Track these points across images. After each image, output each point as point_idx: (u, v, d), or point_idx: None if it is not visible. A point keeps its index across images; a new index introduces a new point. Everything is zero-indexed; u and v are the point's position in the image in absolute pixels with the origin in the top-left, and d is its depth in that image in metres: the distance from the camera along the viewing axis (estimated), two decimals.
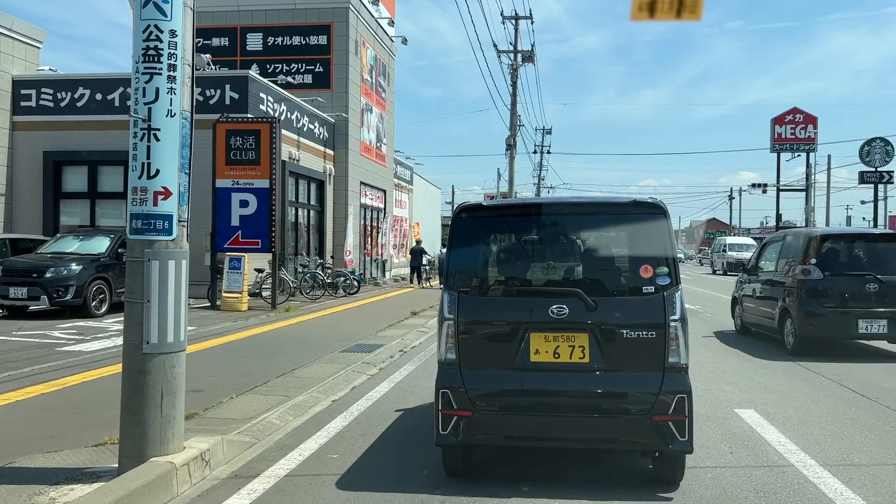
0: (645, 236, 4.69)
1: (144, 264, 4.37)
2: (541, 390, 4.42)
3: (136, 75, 4.41)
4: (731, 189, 76.75)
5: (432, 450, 4.83)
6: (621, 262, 4.83)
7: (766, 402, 6.96)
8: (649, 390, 4.31)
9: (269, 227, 15.19)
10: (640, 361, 4.39)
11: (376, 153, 27.75)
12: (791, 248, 10.86)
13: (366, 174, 26.27)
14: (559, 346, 4.41)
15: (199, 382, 7.52)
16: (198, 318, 13.57)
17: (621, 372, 4.40)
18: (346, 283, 19.39)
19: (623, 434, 4.42)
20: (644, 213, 4.71)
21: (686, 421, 4.29)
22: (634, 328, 4.39)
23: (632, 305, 4.48)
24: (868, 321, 9.58)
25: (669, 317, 4.36)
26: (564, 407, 4.43)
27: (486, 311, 4.62)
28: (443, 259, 5.02)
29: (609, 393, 4.36)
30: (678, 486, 4.48)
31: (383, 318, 14.05)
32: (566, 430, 4.47)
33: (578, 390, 4.39)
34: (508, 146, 37.59)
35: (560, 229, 5.03)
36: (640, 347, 4.38)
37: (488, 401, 4.46)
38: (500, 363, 4.48)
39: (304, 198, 21.49)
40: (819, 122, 70.68)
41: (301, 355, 9.37)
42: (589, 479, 4.67)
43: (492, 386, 4.48)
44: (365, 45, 25.81)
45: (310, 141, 21.79)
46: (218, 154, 15.33)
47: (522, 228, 5.11)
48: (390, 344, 10.61)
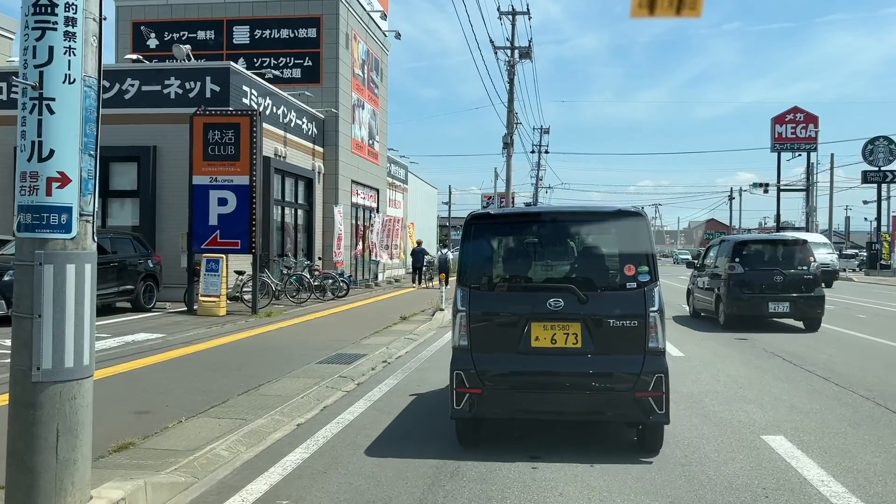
0: (628, 240, 5.45)
1: (35, 269, 3.46)
2: (540, 371, 5.16)
3: (26, 31, 3.49)
4: (731, 189, 75.91)
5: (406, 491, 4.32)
6: (608, 262, 5.58)
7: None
8: (632, 371, 5.04)
9: (248, 226, 14.27)
10: (624, 346, 5.11)
11: (368, 151, 26.84)
12: (724, 250, 14.09)
13: (357, 172, 25.35)
14: (556, 333, 5.15)
15: (148, 402, 6.61)
16: (170, 325, 12.65)
17: (608, 355, 5.12)
18: (334, 286, 18.47)
19: (610, 408, 5.17)
20: (627, 220, 5.52)
21: (663, 397, 5.01)
22: (619, 318, 5.13)
23: (617, 299, 5.23)
24: (775, 303, 13.05)
25: (649, 308, 5.09)
26: (561, 385, 5.16)
27: (493, 305, 5.42)
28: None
29: (598, 373, 5.10)
30: (658, 453, 5.20)
31: (370, 324, 13.13)
32: (562, 405, 5.22)
33: (572, 371, 5.12)
34: (505, 145, 36.69)
35: (556, 234, 5.79)
36: (625, 334, 5.12)
37: (496, 380, 5.19)
38: (505, 348, 5.22)
39: (290, 196, 20.57)
40: (819, 122, 70.21)
41: (273, 367, 8.45)
42: (582, 448, 5.37)
43: (499, 368, 5.21)
44: (356, 39, 24.91)
45: (297, 137, 20.87)
46: (195, 149, 14.42)
47: (524, 233, 5.88)
48: (373, 354, 9.69)
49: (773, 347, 10.81)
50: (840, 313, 16.75)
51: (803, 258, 13.53)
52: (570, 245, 5.76)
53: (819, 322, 13.20)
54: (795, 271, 13.25)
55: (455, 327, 5.38)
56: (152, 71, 17.40)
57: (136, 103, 17.04)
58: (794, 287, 13.09)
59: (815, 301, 13.09)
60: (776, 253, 13.88)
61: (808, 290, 13.10)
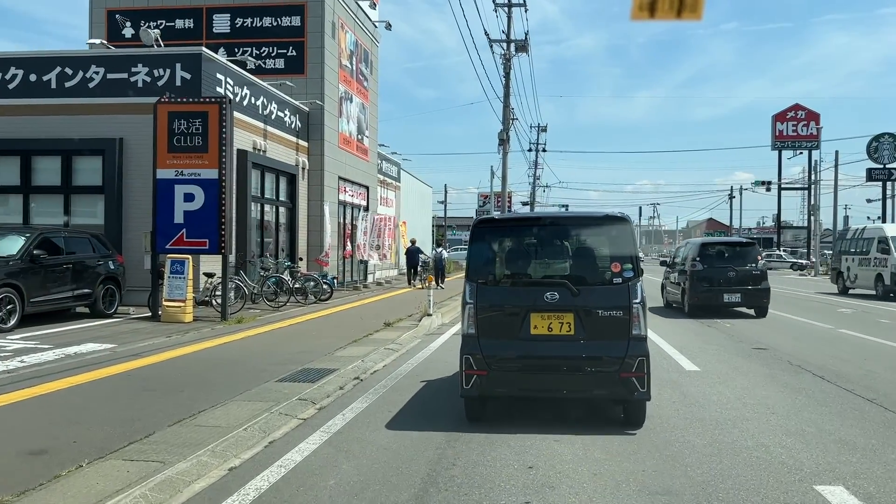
0: (615, 241, 6.13)
1: None
2: (539, 355, 5.82)
3: None
4: (732, 188, 74.66)
5: None
6: (598, 261, 6.21)
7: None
8: (618, 354, 5.68)
9: (217, 224, 13.04)
10: (611, 333, 5.75)
11: (357, 146, 25.62)
12: (689, 251, 16.95)
13: (345, 168, 24.12)
14: (552, 322, 5.81)
15: (51, 436, 5.39)
16: (126, 333, 11.43)
17: (597, 341, 5.76)
18: (316, 289, 17.24)
19: (599, 387, 5.82)
20: (614, 224, 6.19)
21: (645, 377, 5.63)
22: (607, 309, 5.77)
23: (605, 292, 5.87)
24: (729, 294, 15.61)
25: (633, 301, 5.75)
26: (556, 367, 5.82)
27: (497, 297, 6.07)
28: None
29: (588, 357, 5.74)
30: (641, 426, 5.84)
31: (349, 332, 11.93)
32: (558, 385, 5.89)
33: (566, 355, 5.77)
34: (501, 141, 35.47)
35: (552, 236, 6.50)
36: (611, 323, 5.76)
37: (500, 363, 5.86)
38: (508, 335, 5.89)
39: (271, 193, 19.34)
40: (820, 119, 69.02)
41: (223, 387, 7.24)
42: (575, 422, 6.06)
43: (502, 352, 5.87)
44: (343, 29, 23.67)
45: (279, 130, 19.64)
46: (159, 140, 13.18)
47: (524, 235, 6.60)
48: (345, 368, 8.48)
49: (796, 359, 9.63)
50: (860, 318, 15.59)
51: (753, 257, 16.27)
52: (565, 246, 6.45)
53: (766, 310, 15.69)
54: (746, 268, 15.88)
55: (464, 317, 6.11)
56: (118, 57, 16.15)
57: (101, 92, 15.80)
58: (744, 281, 15.73)
59: (762, 292, 15.66)
60: (731, 253, 16.60)
61: (756, 284, 15.70)
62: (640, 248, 13.44)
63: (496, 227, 6.74)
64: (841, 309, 18.14)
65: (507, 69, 35.06)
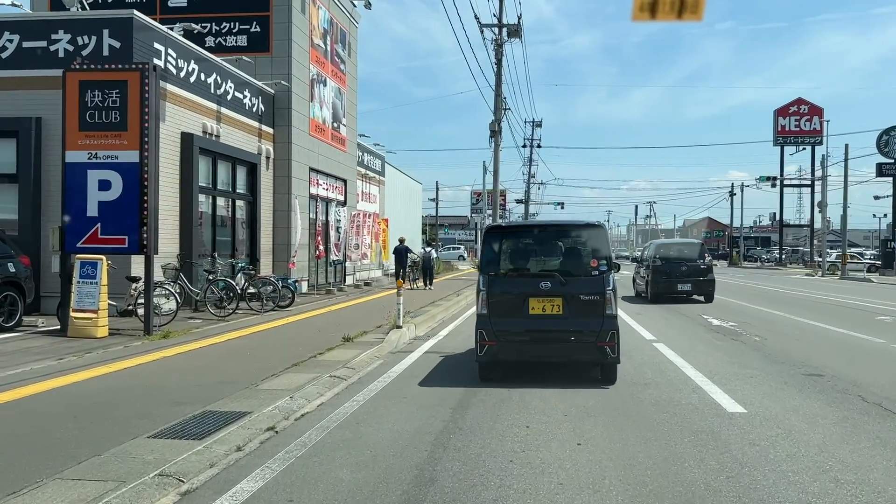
0: (593, 243, 8.12)
1: None
2: (535, 330, 7.75)
3: None
4: (732, 185, 72.34)
5: None
6: (581, 258, 8.15)
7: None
8: (595, 329, 7.58)
9: (138, 218, 10.68)
10: (590, 313, 7.66)
11: (332, 135, 23.25)
12: (651, 250, 21.01)
13: (317, 159, 21.76)
14: (545, 304, 7.72)
15: None
16: (11, 354, 9.06)
17: (580, 318, 7.66)
18: (273, 294, 14.87)
19: (581, 353, 7.75)
20: (593, 229, 8.33)
21: (616, 346, 7.56)
22: (587, 294, 7.69)
23: (586, 282, 7.79)
24: (682, 284, 19.45)
25: (606, 288, 7.68)
26: (549, 339, 7.74)
27: (504, 286, 8.00)
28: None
29: (573, 330, 7.64)
30: (614, 383, 7.65)
31: (296, 349, 9.61)
32: (550, 352, 7.93)
33: (557, 329, 7.69)
34: (493, 133, 33.15)
35: (546, 239, 8.65)
36: (590, 305, 7.67)
37: (506, 336, 7.74)
38: (512, 315, 7.79)
39: (226, 184, 16.99)
40: (824, 114, 66.80)
41: (64, 447, 4.91)
42: (564, 380, 7.87)
43: (508, 327, 7.76)
44: (315, 4, 21.31)
45: (236, 113, 17.29)
46: (69, 115, 10.82)
47: (524, 239, 8.79)
48: (261, 412, 6.13)
49: (869, 395, 7.30)
50: None
51: (701, 255, 20.29)
52: (556, 246, 8.45)
53: (712, 297, 19.42)
54: (695, 264, 19.79)
55: (478, 301, 8.04)
56: (35, 22, 13.77)
57: (15, 64, 13.44)
58: (693, 274, 19.60)
59: (708, 283, 19.50)
60: (683, 251, 20.77)
61: (703, 276, 19.57)
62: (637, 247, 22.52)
63: (503, 232, 8.86)
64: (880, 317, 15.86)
65: (499, 55, 32.74)
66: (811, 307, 18.37)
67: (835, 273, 42.87)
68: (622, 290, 18.29)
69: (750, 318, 15.05)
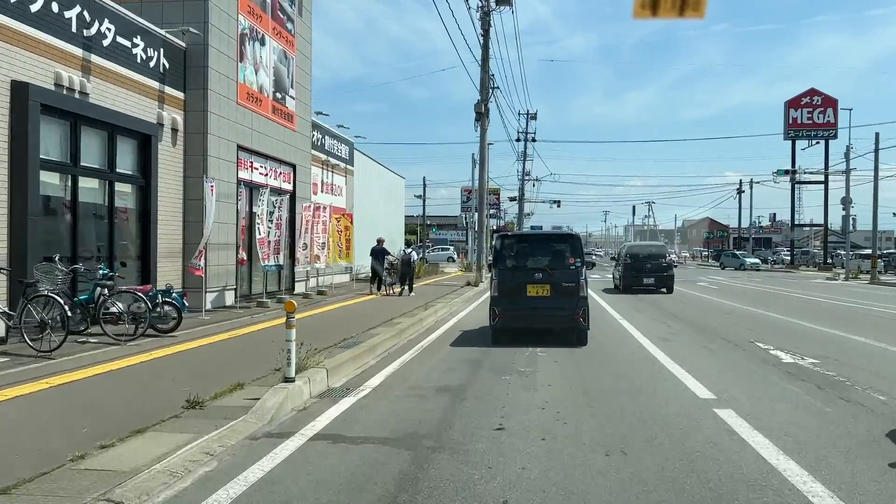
0: (571, 247, 11.79)
1: None
2: (531, 307, 11.19)
3: None
4: (741, 181, 67.73)
5: None
6: (563, 257, 11.64)
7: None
8: (572, 306, 11.01)
9: None
10: (569, 295, 11.09)
11: (274, 107, 18.73)
12: (624, 250, 27.21)
13: (250, 135, 17.25)
14: (538, 289, 11.15)
15: None
16: None
17: (562, 299, 11.09)
18: (139, 317, 10.30)
19: (563, 323, 11.21)
20: (571, 238, 12.41)
21: (587, 318, 11.11)
22: (567, 283, 11.18)
23: (566, 273, 11.30)
24: (647, 278, 24.43)
25: (580, 278, 11.21)
26: (540, 313, 11.20)
27: (509, 276, 11.47)
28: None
29: (557, 307, 11.10)
30: (586, 344, 10.98)
31: (92, 428, 5.14)
32: (541, 323, 11.39)
33: (546, 307, 11.14)
34: (479, 115, 28.67)
35: (539, 244, 12.73)
36: (569, 290, 11.12)
37: (511, 311, 11.19)
38: (514, 296, 11.22)
39: (99, 161, 12.45)
40: (838, 106, 62.46)
41: None
42: (553, 342, 11.06)
43: (512, 305, 11.22)
44: None
45: (122, 66, 12.76)
46: None
47: (524, 243, 12.69)
48: None
49: None
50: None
51: (663, 254, 26.12)
52: (546, 248, 12.27)
53: (672, 289, 24.59)
54: (658, 262, 24.91)
55: (491, 287, 11.79)
56: None
57: None
58: (656, 270, 24.60)
59: (669, 277, 24.70)
60: (651, 251, 26.14)
61: (664, 272, 24.66)
62: None
63: (509, 238, 13.01)
64: None
65: (486, 25, 28.26)
66: (887, 327, 13.95)
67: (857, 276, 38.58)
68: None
69: (828, 350, 10.59)
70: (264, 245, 16.19)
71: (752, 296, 23.91)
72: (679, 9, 4.54)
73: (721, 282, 34.75)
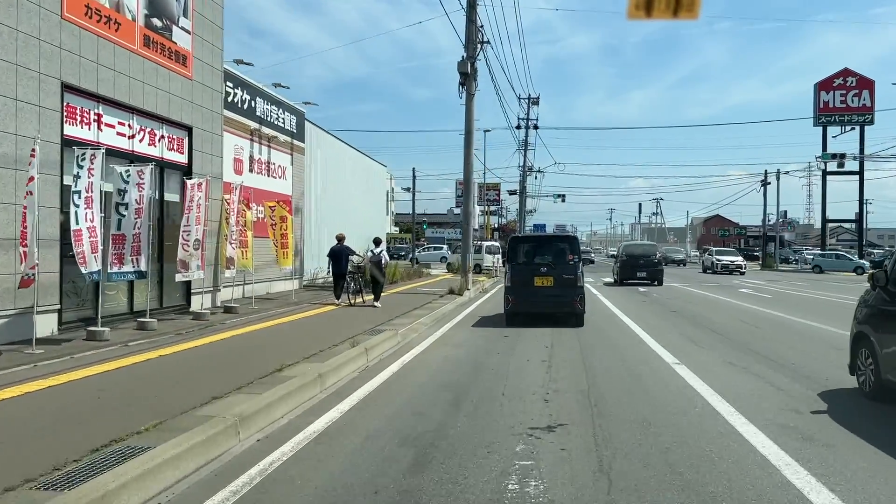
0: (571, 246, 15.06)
1: None
2: (539, 294, 13.88)
3: None
4: (766, 172, 61.11)
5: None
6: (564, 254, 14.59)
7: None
8: (572, 294, 13.74)
9: None
10: (569, 285, 13.79)
11: (147, 37, 12.68)
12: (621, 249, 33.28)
13: (94, 73, 11.23)
14: (543, 280, 13.87)
15: None
16: None
17: (563, 288, 13.78)
18: None
19: (564, 308, 13.83)
20: (571, 239, 16.38)
21: (583, 303, 13.94)
22: (567, 275, 13.90)
23: (566, 267, 14.07)
24: (640, 272, 29.36)
25: (577, 272, 13.98)
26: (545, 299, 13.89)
27: (520, 270, 14.29)
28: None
29: (559, 295, 13.82)
30: (582, 326, 13.58)
31: None
32: (547, 307, 13.96)
33: (550, 294, 13.84)
34: (463, 77, 22.45)
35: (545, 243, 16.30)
36: (569, 281, 13.83)
37: (521, 297, 13.99)
38: (524, 285, 13.99)
39: None
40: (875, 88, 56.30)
41: None
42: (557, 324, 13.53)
43: (522, 293, 13.99)
44: None
45: None
46: None
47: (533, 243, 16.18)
48: None
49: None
50: None
51: (654, 252, 31.12)
52: (550, 247, 15.20)
53: (661, 282, 28.90)
54: (649, 258, 29.83)
55: (505, 279, 14.68)
56: None
57: None
58: (648, 266, 29.30)
59: (658, 272, 29.33)
60: (645, 250, 31.82)
61: (655, 268, 29.31)
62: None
63: (520, 239, 16.54)
64: None
65: None
66: None
67: None
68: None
69: None
70: (93, 240, 10.04)
71: (825, 311, 17.80)
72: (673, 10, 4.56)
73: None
